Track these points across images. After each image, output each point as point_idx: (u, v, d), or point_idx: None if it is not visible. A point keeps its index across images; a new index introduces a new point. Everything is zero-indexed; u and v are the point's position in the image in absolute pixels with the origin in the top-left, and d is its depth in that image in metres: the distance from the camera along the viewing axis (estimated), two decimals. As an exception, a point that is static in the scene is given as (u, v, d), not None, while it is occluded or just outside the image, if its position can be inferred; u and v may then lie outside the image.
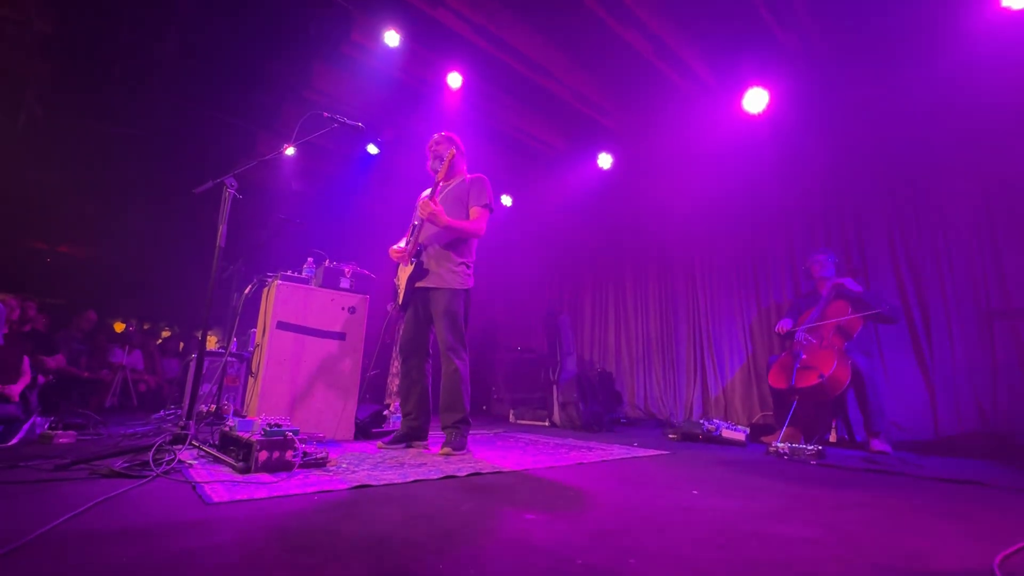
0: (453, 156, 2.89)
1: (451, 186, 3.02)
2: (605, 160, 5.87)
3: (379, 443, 2.89)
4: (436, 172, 2.94)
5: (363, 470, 2.11)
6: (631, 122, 5.70)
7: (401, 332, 3.06)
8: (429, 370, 3.04)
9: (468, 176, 3.04)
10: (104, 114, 5.84)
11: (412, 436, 2.92)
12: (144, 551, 1.11)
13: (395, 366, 4.96)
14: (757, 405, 4.58)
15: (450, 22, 4.27)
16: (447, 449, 2.63)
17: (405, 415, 2.96)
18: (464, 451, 2.69)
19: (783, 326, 3.76)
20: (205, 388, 4.10)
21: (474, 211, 2.91)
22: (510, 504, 1.62)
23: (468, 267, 2.94)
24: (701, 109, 5.13)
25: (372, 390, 6.10)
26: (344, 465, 2.20)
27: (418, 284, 2.88)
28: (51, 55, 4.85)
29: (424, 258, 2.89)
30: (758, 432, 3.90)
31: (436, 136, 3.08)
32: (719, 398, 4.89)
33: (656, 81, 4.98)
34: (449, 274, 2.85)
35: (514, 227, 7.33)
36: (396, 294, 3.02)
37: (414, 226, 2.93)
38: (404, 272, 2.95)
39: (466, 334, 2.89)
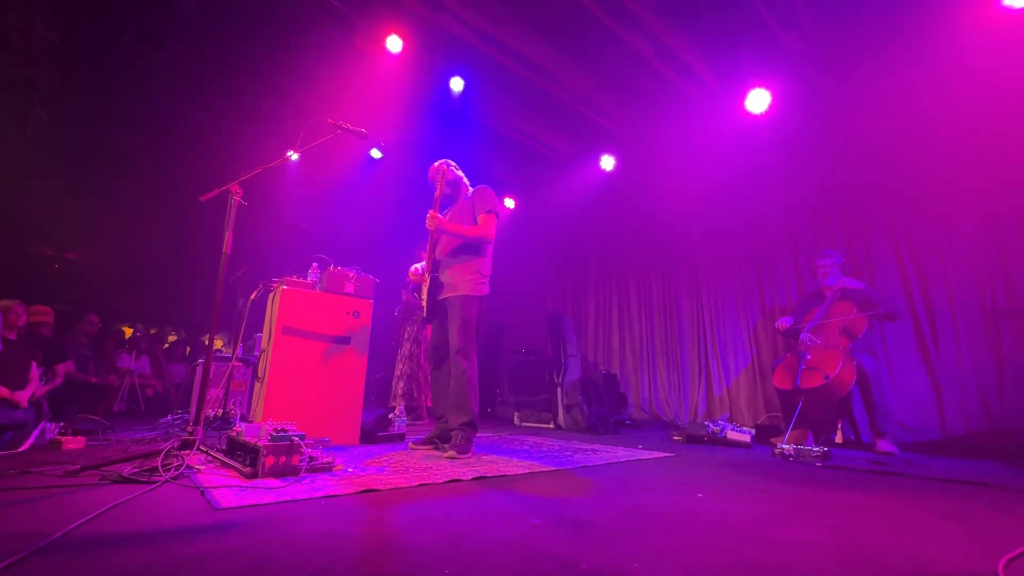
0: (449, 179, 3.16)
1: (458, 203, 3.21)
2: (608, 162, 5.87)
3: (411, 444, 3.07)
4: (450, 194, 3.20)
5: (369, 474, 2.12)
6: (633, 124, 5.71)
7: (429, 342, 3.26)
8: None
9: (472, 189, 3.21)
10: (109, 121, 5.89)
11: (444, 438, 3.01)
12: (154, 556, 1.13)
13: (399, 369, 4.99)
14: (763, 406, 4.57)
15: (452, 27, 4.29)
16: (451, 452, 2.66)
17: (437, 418, 3.14)
18: (468, 455, 2.71)
19: (783, 323, 3.77)
20: (212, 393, 4.13)
21: (480, 217, 3.05)
22: (515, 507, 1.62)
23: (483, 276, 3.06)
24: (703, 110, 5.13)
25: (377, 393, 6.11)
26: (350, 469, 2.22)
27: (438, 297, 3.05)
28: (57, 63, 4.90)
29: (440, 271, 3.06)
30: (764, 433, 3.89)
31: (434, 165, 3.25)
32: (724, 399, 4.88)
33: (658, 83, 4.99)
34: (464, 283, 2.98)
35: (517, 230, 7.33)
36: (422, 307, 3.17)
37: (433, 244, 3.11)
38: (425, 286, 3.11)
39: (477, 338, 3.00)
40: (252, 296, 3.54)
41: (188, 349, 7.53)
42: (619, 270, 6.20)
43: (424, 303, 3.09)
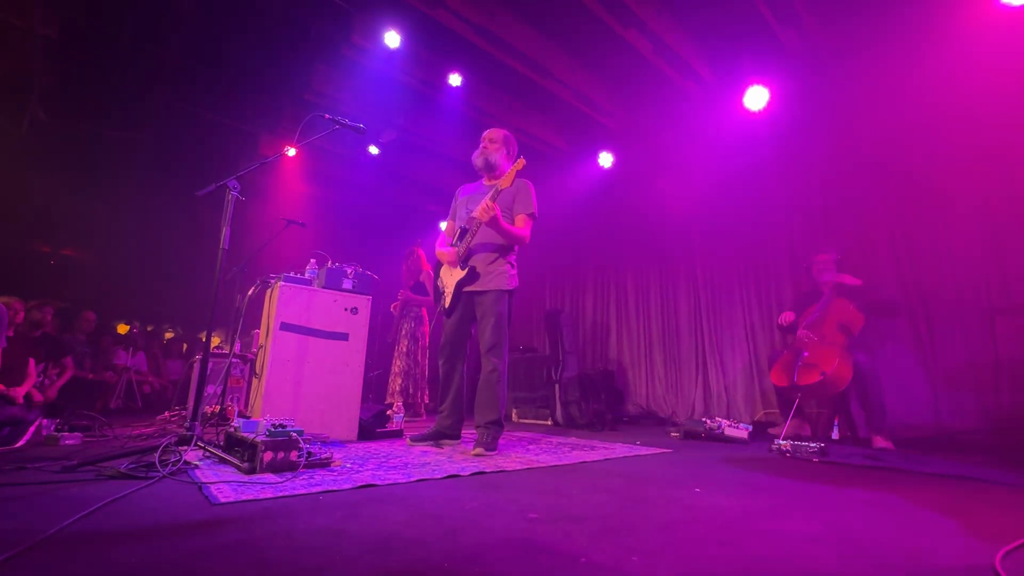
0: (492, 161, 3.00)
1: (496, 189, 2.99)
2: (606, 159, 5.87)
3: (409, 440, 3.01)
4: (479, 167, 3.06)
5: (367, 470, 2.12)
6: (632, 121, 5.70)
7: (444, 333, 3.11)
8: (465, 371, 3.12)
9: (514, 181, 2.99)
10: (107, 117, 5.86)
11: (441, 434, 3.00)
12: (152, 552, 1.12)
13: (397, 366, 4.99)
14: (760, 402, 4.58)
15: (450, 22, 4.27)
16: (479, 449, 2.67)
17: (438, 413, 3.08)
18: (495, 452, 2.72)
19: (786, 317, 3.77)
20: (209, 389, 4.12)
21: (520, 219, 2.99)
22: (514, 503, 1.63)
23: (513, 266, 3.02)
24: (701, 107, 5.14)
25: (375, 390, 6.11)
26: (348, 465, 2.22)
27: (467, 288, 2.96)
28: (55, 60, 4.88)
29: (475, 262, 2.96)
30: (761, 429, 3.90)
31: (491, 133, 3.13)
32: (721, 395, 4.90)
33: (656, 80, 4.98)
34: (498, 276, 2.93)
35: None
36: (442, 297, 3.09)
37: (463, 230, 2.98)
38: (451, 276, 3.02)
39: (509, 334, 2.95)
40: (250, 292, 3.54)
41: (185, 346, 7.51)
42: (617, 267, 6.20)
43: (449, 292, 2.99)
